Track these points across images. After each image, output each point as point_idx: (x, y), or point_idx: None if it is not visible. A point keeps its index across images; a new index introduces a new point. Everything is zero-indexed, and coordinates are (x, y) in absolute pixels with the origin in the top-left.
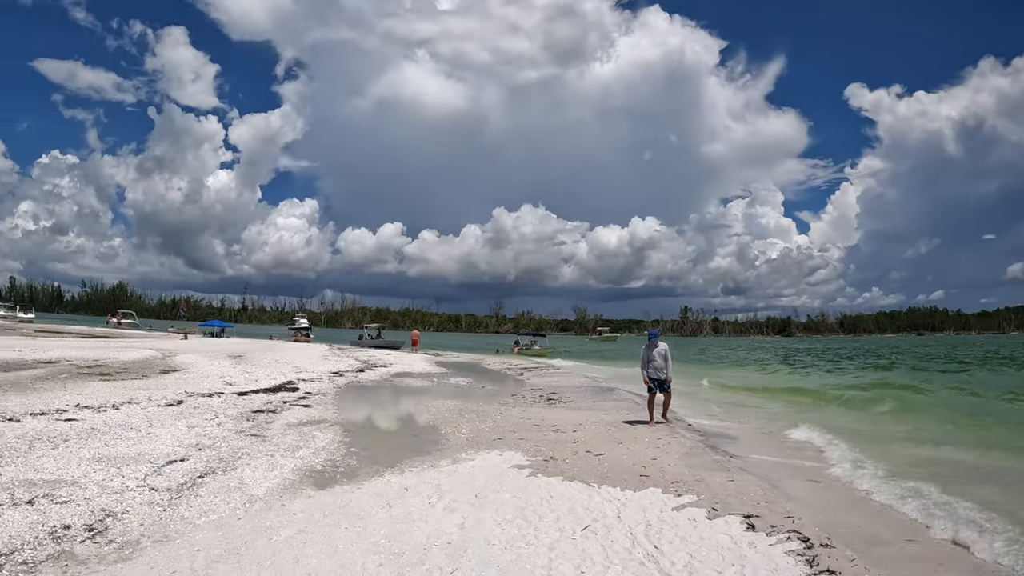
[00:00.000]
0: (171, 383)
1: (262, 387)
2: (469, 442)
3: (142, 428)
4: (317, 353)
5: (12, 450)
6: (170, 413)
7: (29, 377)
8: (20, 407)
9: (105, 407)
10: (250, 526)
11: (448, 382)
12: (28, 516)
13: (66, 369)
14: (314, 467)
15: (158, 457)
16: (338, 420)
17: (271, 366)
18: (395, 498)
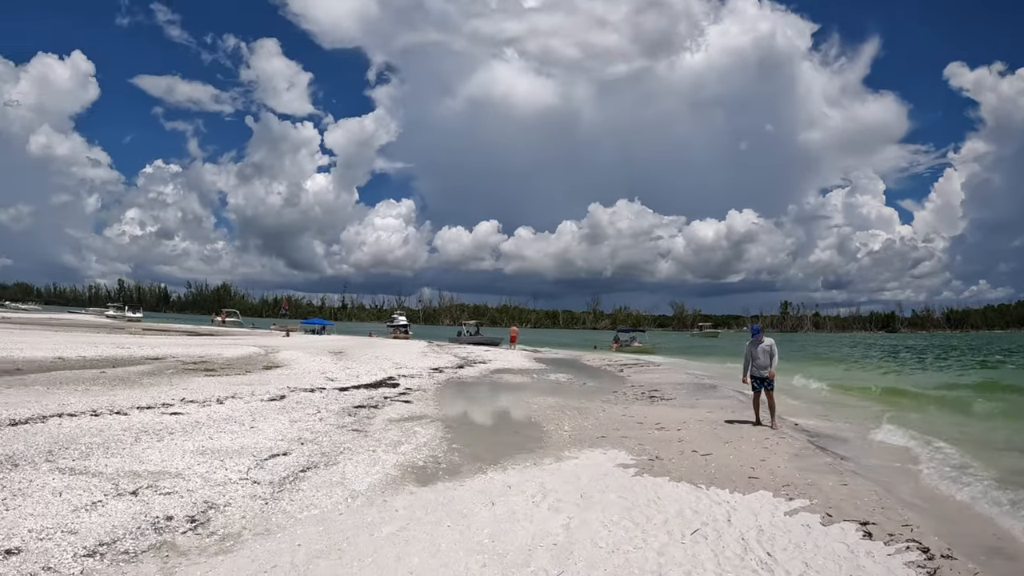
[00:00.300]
0: (274, 379)
1: (363, 383)
2: (572, 440)
3: (245, 422)
4: (416, 350)
5: (119, 442)
6: (273, 408)
7: (137, 373)
8: (127, 401)
9: (209, 401)
10: (352, 522)
11: (548, 378)
12: (132, 506)
13: (172, 365)
14: (416, 463)
15: (261, 451)
16: (439, 416)
17: (371, 362)
18: (498, 496)
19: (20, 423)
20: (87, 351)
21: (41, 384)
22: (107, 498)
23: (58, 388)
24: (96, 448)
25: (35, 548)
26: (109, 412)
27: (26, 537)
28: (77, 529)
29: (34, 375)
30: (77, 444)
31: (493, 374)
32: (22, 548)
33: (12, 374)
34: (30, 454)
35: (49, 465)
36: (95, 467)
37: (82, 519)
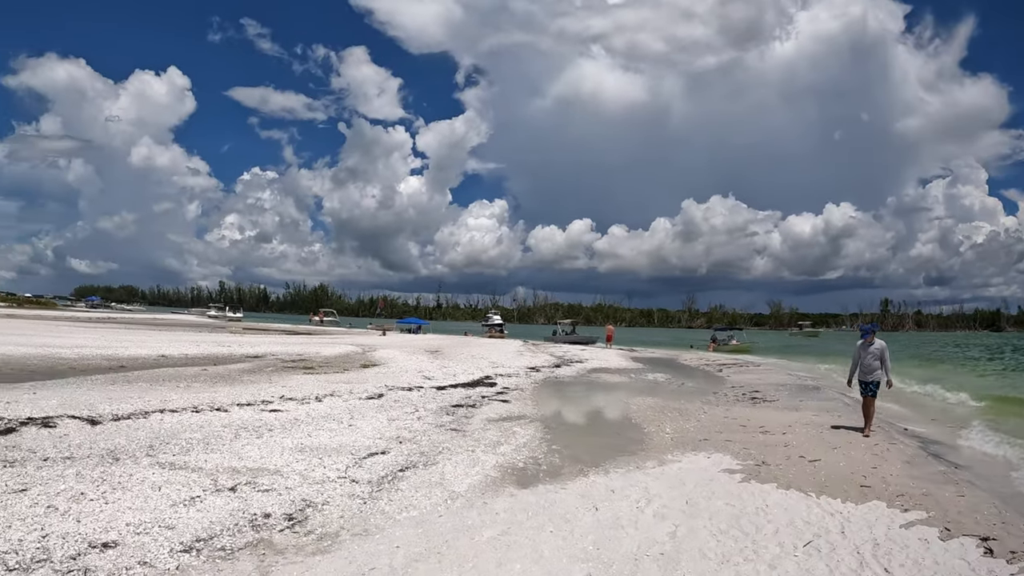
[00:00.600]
0: (371, 377)
1: (460, 382)
2: (674, 442)
3: (344, 420)
4: (512, 349)
5: (218, 438)
6: (371, 406)
7: (237, 370)
8: (228, 398)
9: (308, 399)
10: (451, 524)
11: (646, 378)
12: (230, 503)
13: (272, 363)
14: (516, 464)
15: (359, 449)
16: (537, 416)
17: (468, 361)
18: (601, 500)
19: (122, 418)
20: (189, 349)
21: (144, 381)
22: (205, 494)
23: (160, 385)
24: (196, 444)
25: (132, 542)
26: (209, 408)
27: (123, 531)
28: (174, 524)
29: (137, 372)
30: (177, 439)
31: (590, 373)
32: (119, 542)
33: (116, 371)
34: (132, 449)
35: (149, 460)
36: (194, 462)
37: (180, 514)
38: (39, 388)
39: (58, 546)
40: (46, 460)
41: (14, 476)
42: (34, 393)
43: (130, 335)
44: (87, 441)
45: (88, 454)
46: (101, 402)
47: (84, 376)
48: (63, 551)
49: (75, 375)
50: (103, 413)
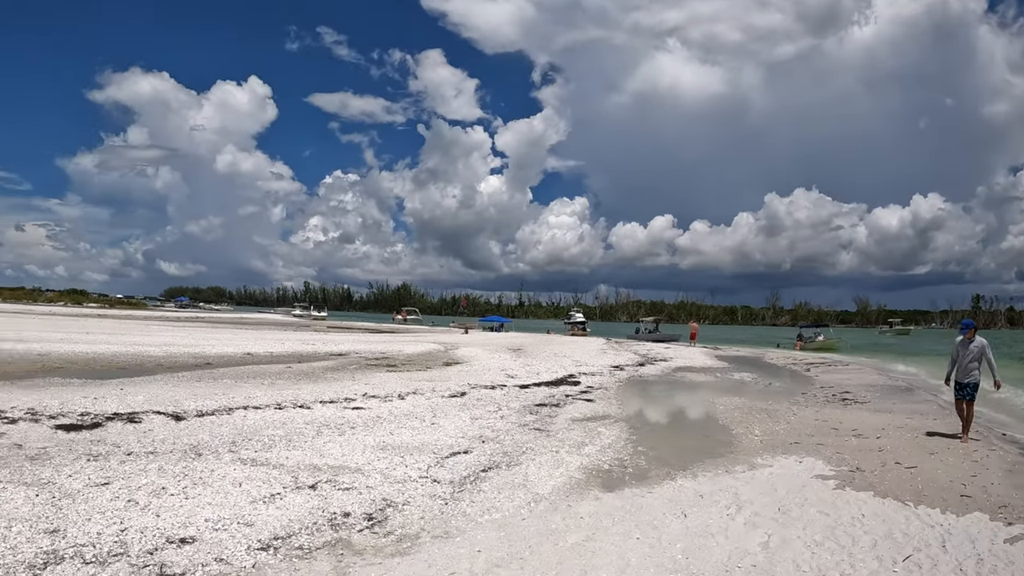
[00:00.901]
0: (454, 375)
1: (543, 380)
2: (764, 445)
3: (426, 418)
4: (595, 347)
5: (300, 435)
6: (453, 404)
7: (321, 368)
8: (311, 395)
9: (391, 397)
10: (535, 528)
11: (731, 378)
12: (309, 501)
13: (355, 361)
14: (601, 466)
15: (441, 448)
16: (622, 416)
17: (551, 359)
18: (690, 506)
19: (206, 414)
20: (274, 347)
21: (229, 378)
22: (286, 491)
23: (245, 382)
24: (278, 440)
25: (209, 538)
26: (292, 406)
27: (202, 527)
28: (253, 521)
29: (223, 369)
30: (260, 436)
31: (675, 372)
32: (197, 537)
33: (203, 368)
34: (214, 444)
35: (231, 456)
36: (276, 459)
37: (259, 511)
38: (127, 384)
39: (136, 540)
40: (130, 455)
41: (98, 469)
42: (121, 389)
43: (217, 334)
44: (171, 436)
45: (171, 449)
46: (186, 398)
47: (171, 373)
48: (140, 545)
49: (163, 372)
50: (187, 409)
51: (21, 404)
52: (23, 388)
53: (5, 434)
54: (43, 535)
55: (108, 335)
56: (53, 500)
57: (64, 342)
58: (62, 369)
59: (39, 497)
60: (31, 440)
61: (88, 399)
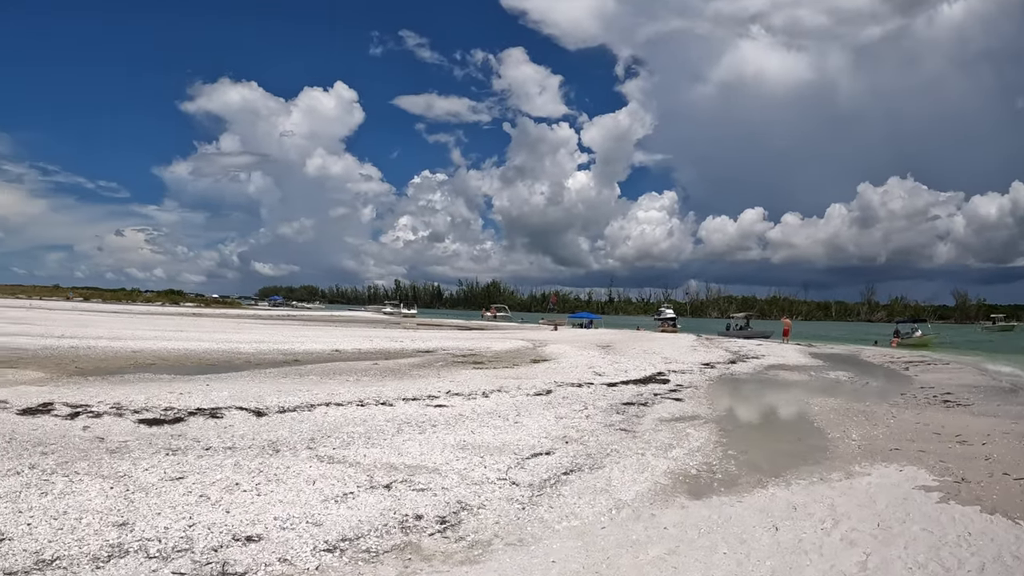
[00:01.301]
0: (540, 372)
1: (632, 378)
2: (861, 451)
3: (509, 417)
4: (685, 343)
5: (380, 432)
6: (538, 403)
7: (407, 365)
8: (394, 392)
9: (475, 394)
10: (615, 538)
11: (826, 376)
12: (382, 501)
13: (442, 358)
14: (688, 471)
15: (523, 448)
16: (712, 417)
17: (640, 356)
18: (782, 518)
19: (288, 411)
20: (362, 344)
21: (315, 375)
22: (359, 490)
23: (330, 378)
24: (357, 438)
25: (276, 537)
26: (375, 403)
27: (270, 525)
28: (322, 521)
29: (310, 366)
30: (339, 433)
31: (767, 371)
32: (263, 536)
33: (291, 364)
34: (293, 441)
35: (309, 453)
36: (353, 457)
37: (329, 511)
38: (213, 380)
39: (202, 536)
40: (208, 449)
41: (174, 464)
42: (207, 385)
43: (307, 331)
44: (250, 432)
45: (249, 445)
46: (270, 394)
47: (259, 369)
48: (206, 542)
49: (251, 368)
50: (270, 405)
51: (108, 399)
52: (113, 383)
53: (89, 427)
54: (111, 528)
55: (201, 333)
56: (126, 493)
57: (158, 339)
58: (153, 365)
59: (113, 490)
60: (113, 434)
61: (173, 394)
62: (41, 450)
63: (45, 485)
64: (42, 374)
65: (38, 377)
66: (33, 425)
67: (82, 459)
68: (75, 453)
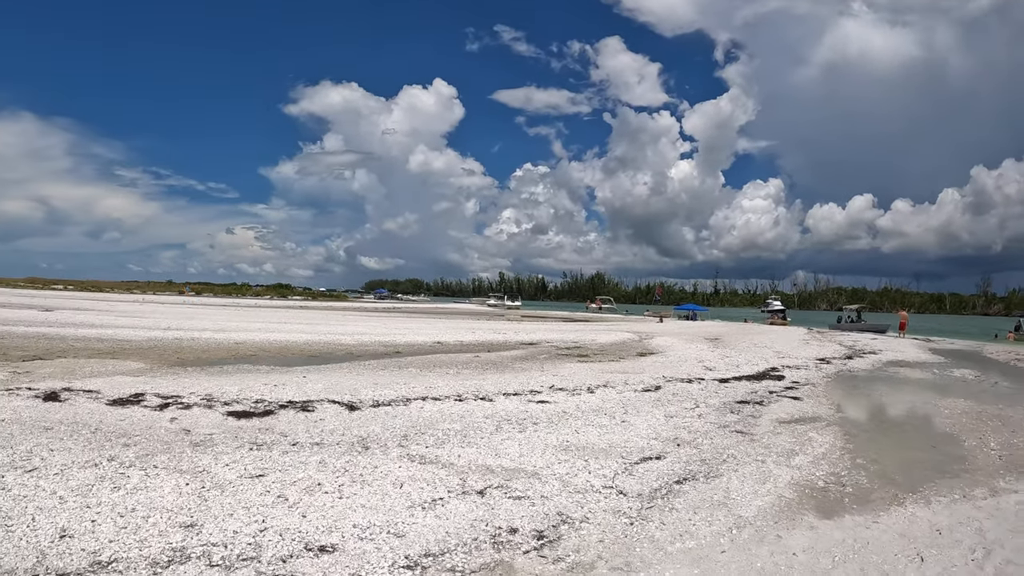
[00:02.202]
0: (648, 366)
1: (744, 374)
2: (1004, 464)
3: (616, 415)
4: (796, 337)
5: (478, 430)
6: (647, 400)
7: (510, 357)
8: (494, 387)
9: (579, 390)
10: (736, 566)
11: (951, 375)
12: (474, 509)
13: (546, 350)
14: (814, 482)
15: (631, 451)
16: (835, 418)
17: (750, 350)
18: (926, 545)
19: (382, 405)
20: (464, 336)
21: (415, 367)
22: (450, 496)
23: (429, 371)
24: (452, 436)
25: (352, 548)
26: (474, 397)
27: (347, 533)
28: (405, 531)
29: (410, 358)
30: (434, 430)
31: (887, 367)
32: (338, 546)
33: (391, 356)
34: (384, 437)
35: (400, 451)
36: (447, 457)
37: (415, 519)
38: (311, 372)
39: (272, 543)
40: (295, 445)
41: (257, 460)
42: (304, 377)
43: (409, 323)
44: (341, 427)
45: (338, 441)
46: (365, 388)
47: (358, 361)
48: (275, 550)
49: (351, 360)
50: (364, 399)
51: (201, 390)
52: (210, 374)
53: (177, 419)
54: (178, 529)
55: (305, 325)
56: (201, 490)
57: (261, 331)
58: (254, 356)
59: (188, 486)
60: (200, 426)
61: (268, 386)
62: (124, 441)
63: (120, 479)
64: (142, 364)
65: (137, 367)
66: (121, 416)
67: (164, 452)
68: (158, 445)
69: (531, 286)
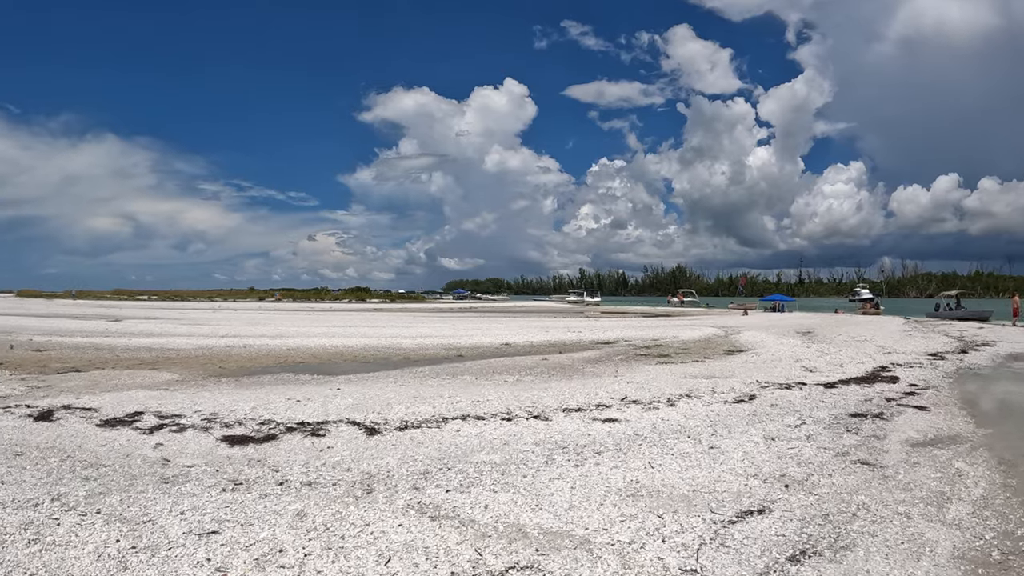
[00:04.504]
0: (738, 367)
1: (851, 375)
2: None
3: (702, 438)
4: (895, 328)
5: (522, 462)
6: (739, 413)
7: (581, 360)
8: (555, 399)
9: (657, 402)
10: None
11: None
12: None
13: (622, 350)
14: (987, 554)
15: (723, 499)
16: (978, 437)
17: (850, 345)
18: None
19: (410, 427)
20: (536, 336)
21: (471, 373)
22: None
23: (486, 378)
24: (486, 473)
25: None
26: (526, 415)
27: None
28: None
29: (471, 363)
30: (466, 463)
31: (1010, 362)
32: None
33: (451, 361)
34: (397, 475)
35: (410, 497)
36: (469, 508)
37: None
38: (348, 383)
39: None
40: (281, 484)
41: (222, 507)
42: (338, 389)
43: (481, 323)
44: (348, 458)
45: (336, 480)
46: (400, 402)
47: (412, 367)
48: None
49: (404, 366)
50: (391, 419)
51: (210, 407)
52: (239, 386)
53: (162, 445)
54: None
55: (370, 328)
56: (129, 551)
57: (321, 336)
58: (302, 363)
59: (117, 544)
60: (184, 454)
61: (290, 401)
62: (87, 474)
63: (46, 528)
64: (175, 375)
65: (167, 379)
66: (104, 440)
67: (122, 490)
68: (120, 481)
69: (612, 282)
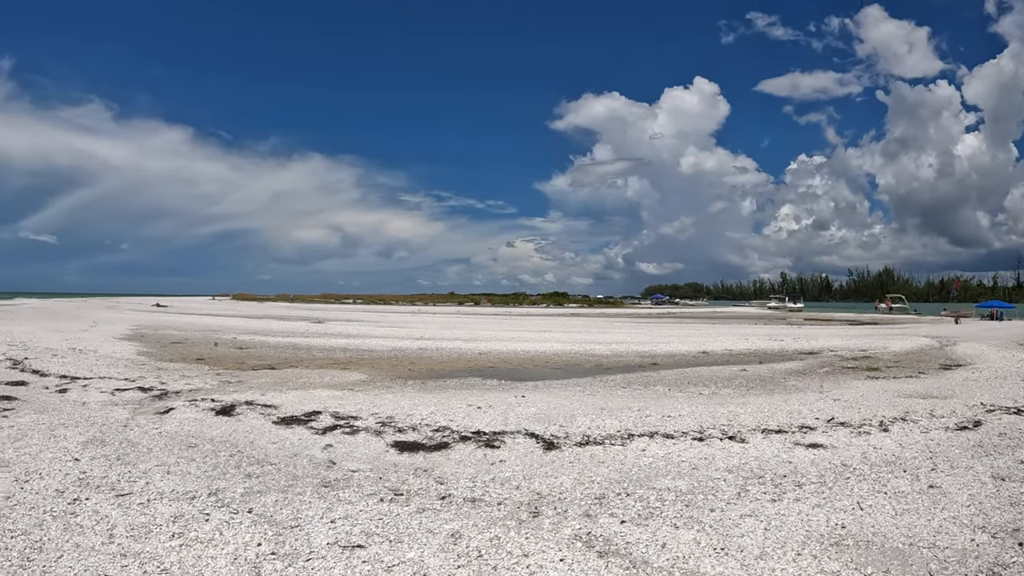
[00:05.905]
0: (957, 386)
1: None
2: None
3: (920, 473)
4: None
5: (710, 493)
6: (962, 443)
7: (783, 371)
8: (754, 416)
9: (868, 425)
10: None
11: None
12: None
13: (827, 361)
14: None
15: (944, 558)
16: None
17: None
18: None
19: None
20: (736, 344)
21: (664, 384)
22: None
23: (679, 390)
24: (669, 503)
25: None
26: (720, 436)
27: None
28: None
29: (665, 372)
30: (647, 489)
31: None
32: None
33: (645, 369)
34: (569, 498)
35: (578, 526)
36: (643, 547)
37: None
38: (534, 390)
39: None
40: (443, 499)
41: (375, 518)
42: (522, 396)
43: (679, 329)
44: (520, 474)
45: (503, 499)
46: (586, 414)
47: (603, 376)
48: None
49: (595, 374)
50: (572, 433)
51: (388, 410)
52: (424, 389)
53: (331, 447)
54: None
55: (563, 333)
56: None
57: (514, 340)
58: (491, 368)
59: (258, 548)
60: (352, 458)
61: (471, 408)
62: (250, 471)
63: (195, 523)
64: (363, 376)
65: (355, 379)
66: (277, 437)
67: (280, 490)
68: (280, 481)
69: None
